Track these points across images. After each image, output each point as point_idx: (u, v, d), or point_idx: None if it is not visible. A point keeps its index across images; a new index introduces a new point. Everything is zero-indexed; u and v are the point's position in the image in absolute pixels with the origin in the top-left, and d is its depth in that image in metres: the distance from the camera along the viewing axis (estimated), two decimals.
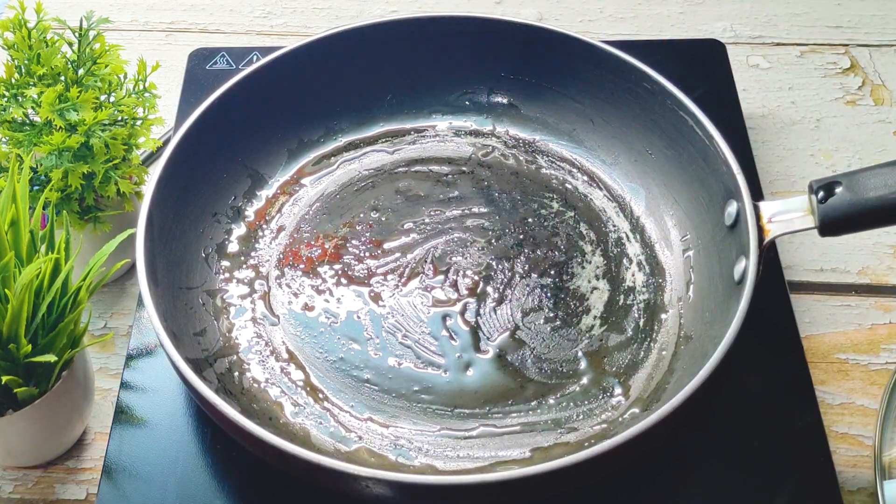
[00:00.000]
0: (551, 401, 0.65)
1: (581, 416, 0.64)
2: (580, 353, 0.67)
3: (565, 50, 0.76)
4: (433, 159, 0.80)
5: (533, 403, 0.64)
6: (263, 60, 0.75)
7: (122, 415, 0.65)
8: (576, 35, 0.75)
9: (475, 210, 0.76)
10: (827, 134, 0.86)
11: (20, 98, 0.66)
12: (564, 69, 0.77)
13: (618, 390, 0.65)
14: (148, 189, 0.66)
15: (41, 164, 0.66)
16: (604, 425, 0.63)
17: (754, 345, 0.58)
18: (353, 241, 0.74)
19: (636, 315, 0.69)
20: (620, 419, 0.63)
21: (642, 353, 0.67)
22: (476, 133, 0.81)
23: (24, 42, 0.67)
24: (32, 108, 0.66)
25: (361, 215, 0.76)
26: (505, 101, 0.81)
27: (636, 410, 0.63)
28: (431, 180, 0.78)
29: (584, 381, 0.65)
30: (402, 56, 0.79)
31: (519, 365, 0.66)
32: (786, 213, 0.62)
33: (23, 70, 0.67)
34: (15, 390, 0.58)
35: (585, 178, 0.77)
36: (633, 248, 0.73)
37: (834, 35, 0.94)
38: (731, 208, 0.65)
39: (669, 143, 0.72)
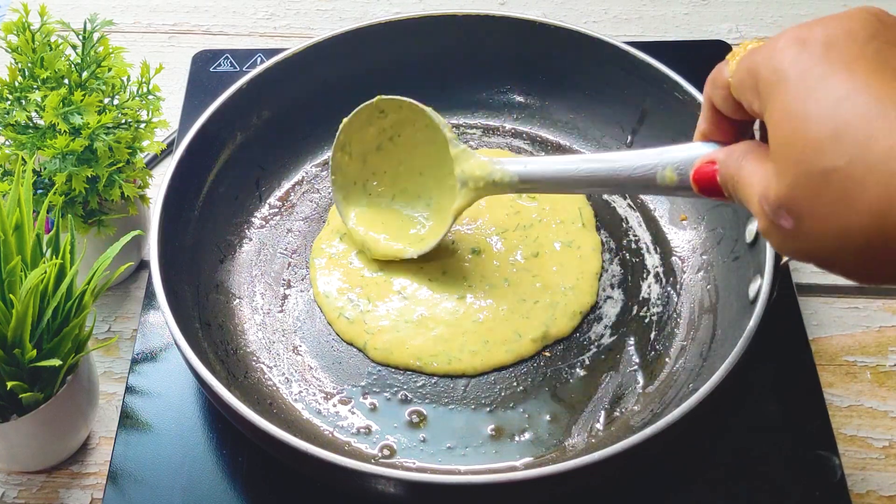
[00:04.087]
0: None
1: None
2: (587, 361, 0.67)
3: (599, 55, 0.75)
4: None
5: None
6: (269, 62, 0.75)
7: (127, 419, 0.65)
8: (612, 41, 0.74)
9: None
10: None
11: (24, 101, 0.66)
12: (598, 75, 0.76)
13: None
14: (163, 181, 0.67)
15: (45, 168, 0.66)
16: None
17: (762, 347, 0.58)
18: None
19: (647, 326, 0.68)
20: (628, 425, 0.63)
21: (653, 364, 0.66)
22: (503, 132, 0.81)
23: (27, 45, 0.67)
24: (36, 111, 0.66)
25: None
26: (536, 102, 0.80)
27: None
28: None
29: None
30: (421, 53, 0.78)
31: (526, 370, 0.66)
32: None
33: (26, 73, 0.67)
34: (20, 395, 0.58)
35: None
36: (653, 260, 0.72)
37: None
38: (753, 226, 0.64)
39: None
